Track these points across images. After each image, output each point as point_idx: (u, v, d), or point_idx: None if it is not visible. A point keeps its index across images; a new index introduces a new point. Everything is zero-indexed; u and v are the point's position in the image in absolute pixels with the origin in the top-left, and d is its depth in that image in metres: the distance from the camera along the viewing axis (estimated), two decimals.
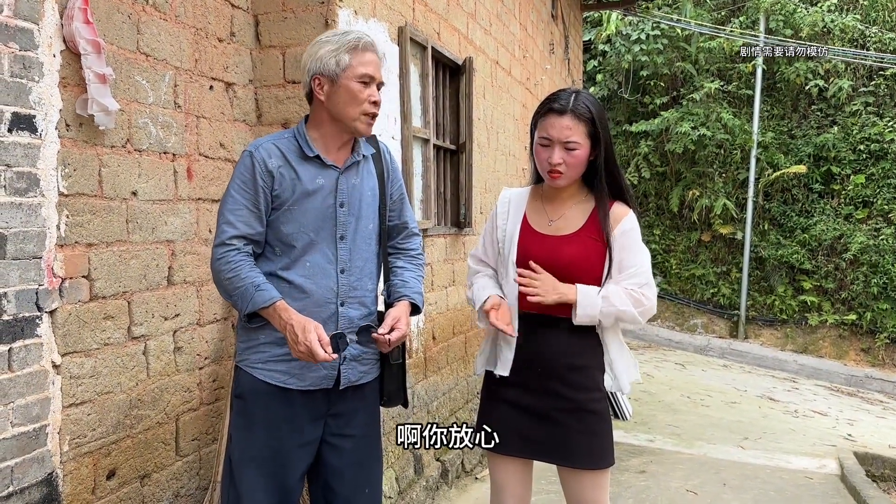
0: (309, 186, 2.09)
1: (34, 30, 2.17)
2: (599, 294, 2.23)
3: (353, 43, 2.07)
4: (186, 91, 2.85)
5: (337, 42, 2.07)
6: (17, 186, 2.13)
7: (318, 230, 2.11)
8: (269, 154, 2.09)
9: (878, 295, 11.43)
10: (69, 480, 2.33)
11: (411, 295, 2.25)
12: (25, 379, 2.17)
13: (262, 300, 2.00)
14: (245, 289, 2.02)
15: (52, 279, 2.25)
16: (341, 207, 2.13)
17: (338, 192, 2.13)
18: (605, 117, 2.29)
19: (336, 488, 2.18)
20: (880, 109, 12.27)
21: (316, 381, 2.12)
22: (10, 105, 2.10)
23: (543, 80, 7.29)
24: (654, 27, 13.12)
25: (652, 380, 9.06)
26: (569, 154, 2.23)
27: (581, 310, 2.21)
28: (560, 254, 2.28)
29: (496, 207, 2.46)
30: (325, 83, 2.08)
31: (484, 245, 2.48)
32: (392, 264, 2.32)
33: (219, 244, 2.06)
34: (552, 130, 2.23)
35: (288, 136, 2.16)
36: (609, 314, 2.23)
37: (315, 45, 2.11)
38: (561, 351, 2.28)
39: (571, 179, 2.29)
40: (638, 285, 2.26)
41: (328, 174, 2.13)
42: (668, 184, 13.64)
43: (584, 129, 2.22)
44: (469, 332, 5.12)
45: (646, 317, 2.29)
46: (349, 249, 2.15)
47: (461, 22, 4.82)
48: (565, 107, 2.22)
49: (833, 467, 5.66)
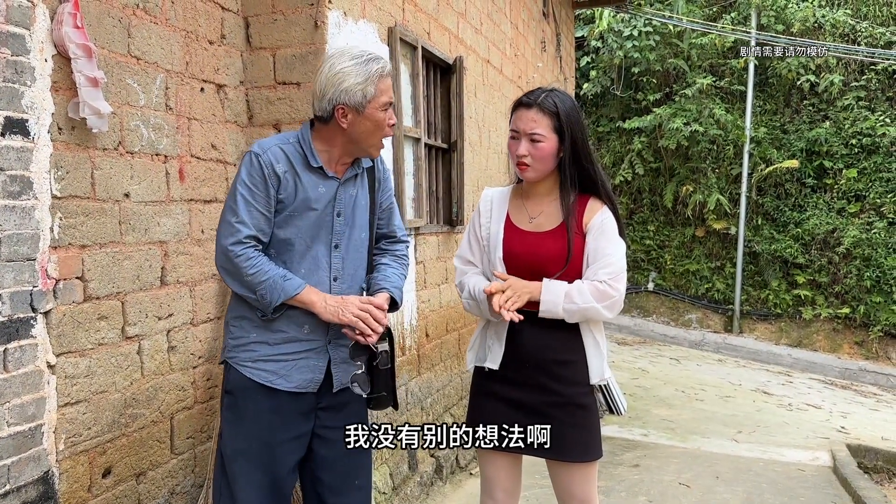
0: (311, 195, 2.13)
1: (26, 35, 2.20)
2: (564, 290, 2.27)
3: (379, 73, 2.08)
4: (178, 93, 2.88)
5: (364, 75, 2.06)
6: (10, 189, 2.16)
7: (315, 238, 2.15)
8: (277, 159, 2.11)
9: (872, 288, 11.48)
10: (65, 479, 2.36)
11: (390, 288, 2.27)
12: (21, 379, 2.20)
13: (292, 287, 2.07)
14: (272, 281, 2.07)
15: (46, 280, 2.28)
16: (338, 217, 2.18)
17: (336, 202, 2.17)
18: (576, 114, 2.32)
19: (326, 479, 2.22)
20: (872, 104, 12.30)
21: (303, 384, 2.16)
22: (2, 109, 2.13)
23: (535, 78, 7.32)
24: (646, 24, 13.15)
25: (647, 375, 9.11)
26: (534, 146, 2.29)
27: (543, 305, 2.27)
28: (540, 250, 2.33)
29: (478, 206, 2.51)
30: (349, 113, 2.09)
31: (469, 244, 2.51)
32: (376, 262, 2.36)
33: (234, 242, 2.08)
34: (519, 122, 2.32)
35: (293, 141, 2.17)
36: (571, 311, 2.28)
37: (338, 76, 2.06)
38: (545, 345, 2.32)
39: (540, 172, 2.33)
40: (609, 275, 2.28)
41: (329, 184, 2.17)
42: (661, 180, 13.68)
43: (549, 122, 2.28)
44: (462, 329, 5.16)
45: (613, 311, 2.31)
46: (342, 258, 2.20)
47: (451, 21, 4.86)
48: (532, 101, 2.30)
49: (826, 459, 5.71)
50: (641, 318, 13.19)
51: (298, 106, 3.25)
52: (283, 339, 2.15)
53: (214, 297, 3.08)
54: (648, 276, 13.52)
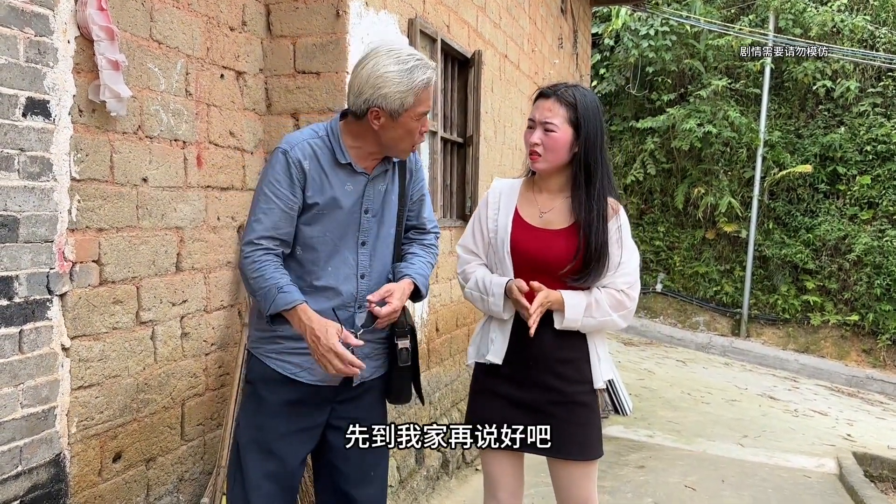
0: (338, 192, 2.08)
1: (49, 15, 2.19)
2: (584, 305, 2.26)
3: (423, 84, 2.00)
4: (198, 79, 2.87)
5: (407, 84, 1.98)
6: (30, 170, 2.15)
7: (342, 236, 2.11)
8: (304, 155, 2.06)
9: (881, 296, 11.41)
10: (76, 462, 2.36)
11: (413, 275, 2.21)
12: (35, 361, 2.20)
13: (283, 302, 2.00)
14: (268, 290, 2.01)
15: (63, 263, 2.28)
16: (366, 214, 2.14)
17: (364, 199, 2.13)
18: (595, 112, 2.28)
19: (343, 469, 2.21)
20: (888, 111, 12.21)
21: (327, 378, 2.13)
22: (24, 90, 2.12)
23: (551, 74, 7.28)
24: (662, 23, 13.06)
25: (653, 376, 9.09)
26: (547, 136, 2.26)
27: (566, 322, 2.27)
28: (551, 248, 2.31)
29: (486, 198, 2.46)
30: (383, 116, 2.02)
31: (473, 235, 2.47)
32: (404, 251, 2.31)
33: (247, 242, 2.06)
34: (536, 112, 2.30)
35: (322, 134, 2.11)
36: (590, 325, 2.29)
37: (379, 79, 1.98)
38: (550, 343, 2.31)
39: (551, 164, 2.30)
40: (626, 284, 2.30)
41: (357, 180, 2.12)
42: (673, 181, 13.61)
43: (565, 113, 2.25)
44: (472, 324, 5.15)
45: (627, 319, 2.33)
46: (369, 255, 2.16)
47: (471, 15, 4.83)
48: (552, 91, 2.29)
49: (831, 467, 5.68)
50: (648, 320, 13.14)
51: (318, 95, 3.23)
52: None
53: (228, 284, 3.08)
54: (657, 278, 13.48)
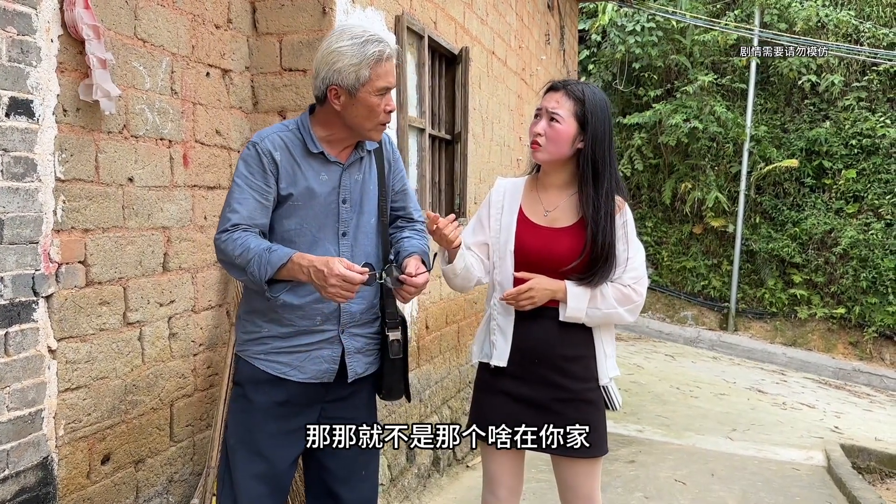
0: (312, 183, 2.08)
1: (32, 14, 2.17)
2: (588, 295, 2.26)
3: (375, 57, 2.00)
4: (183, 77, 2.85)
5: (359, 57, 1.98)
6: (14, 171, 2.13)
7: (321, 227, 2.10)
8: (275, 146, 2.06)
9: (867, 289, 11.49)
10: (64, 464, 2.34)
11: (420, 252, 2.21)
12: (22, 363, 2.17)
13: (277, 259, 1.97)
14: (259, 255, 1.98)
15: (48, 264, 2.26)
16: (344, 204, 2.13)
17: (341, 189, 2.12)
18: (603, 110, 2.29)
19: (333, 468, 2.19)
20: (873, 105, 12.29)
21: (317, 375, 2.12)
22: (7, 89, 2.10)
23: (539, 70, 7.29)
24: (649, 19, 13.10)
25: (642, 371, 9.12)
26: (550, 126, 2.27)
27: (569, 311, 2.27)
28: (556, 246, 2.30)
29: (490, 196, 2.46)
30: (342, 94, 2.03)
31: (473, 230, 2.46)
32: (396, 237, 2.30)
33: (221, 231, 2.05)
34: (544, 102, 2.32)
35: (292, 128, 2.12)
36: (595, 316, 2.29)
37: (333, 54, 2.00)
38: (555, 341, 2.30)
39: (551, 154, 2.30)
40: (633, 280, 2.31)
41: (332, 170, 2.12)
42: (660, 176, 13.65)
43: (572, 106, 2.27)
44: (462, 321, 5.14)
45: (634, 314, 2.33)
46: (351, 245, 2.15)
47: (458, 11, 4.82)
48: (562, 85, 2.31)
49: (820, 459, 5.72)
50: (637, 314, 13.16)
51: (304, 93, 3.21)
52: (295, 331, 2.11)
53: (216, 284, 3.06)
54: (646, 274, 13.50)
